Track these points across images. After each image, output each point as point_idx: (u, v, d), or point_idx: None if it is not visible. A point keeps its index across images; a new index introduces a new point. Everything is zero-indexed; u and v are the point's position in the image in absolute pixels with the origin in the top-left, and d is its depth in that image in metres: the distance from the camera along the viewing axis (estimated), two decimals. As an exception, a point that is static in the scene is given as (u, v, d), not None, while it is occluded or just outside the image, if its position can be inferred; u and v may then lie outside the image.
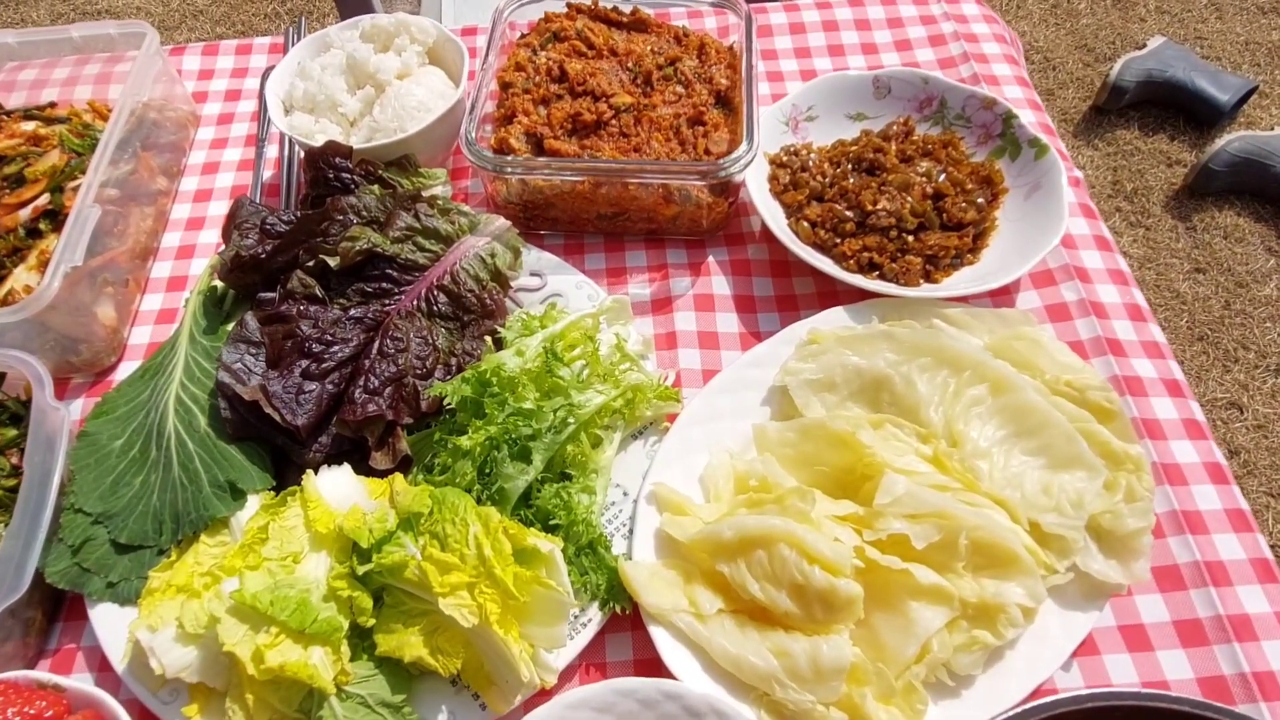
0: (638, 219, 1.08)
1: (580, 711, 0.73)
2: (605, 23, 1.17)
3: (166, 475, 0.87)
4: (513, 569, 0.73)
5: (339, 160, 1.01)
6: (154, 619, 0.76)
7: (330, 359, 0.89)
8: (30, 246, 1.03)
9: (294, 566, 0.77)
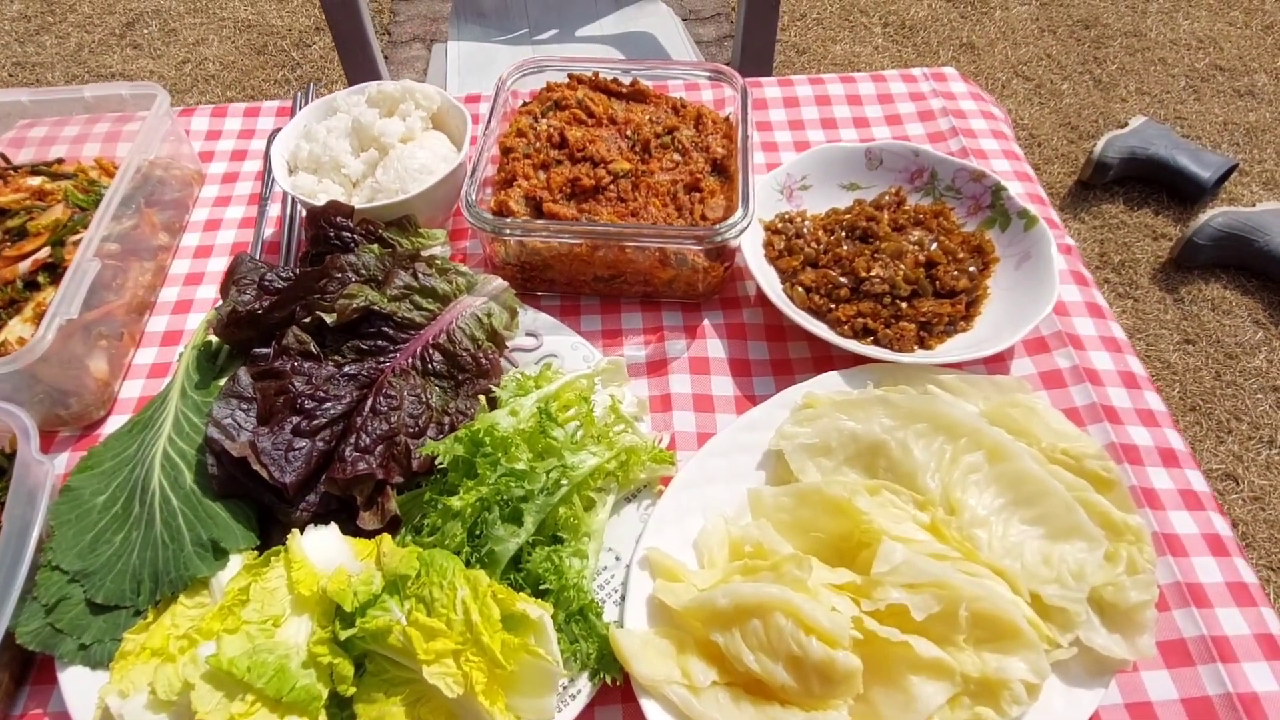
0: (634, 281, 1.09)
1: (567, 790, 0.70)
2: (605, 93, 1.20)
3: (148, 533, 0.85)
4: (500, 636, 0.71)
5: (340, 219, 1.02)
6: (125, 684, 0.74)
7: (322, 415, 0.88)
8: (27, 299, 1.03)
9: (274, 630, 0.74)
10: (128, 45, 3.63)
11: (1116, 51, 3.62)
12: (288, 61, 3.55)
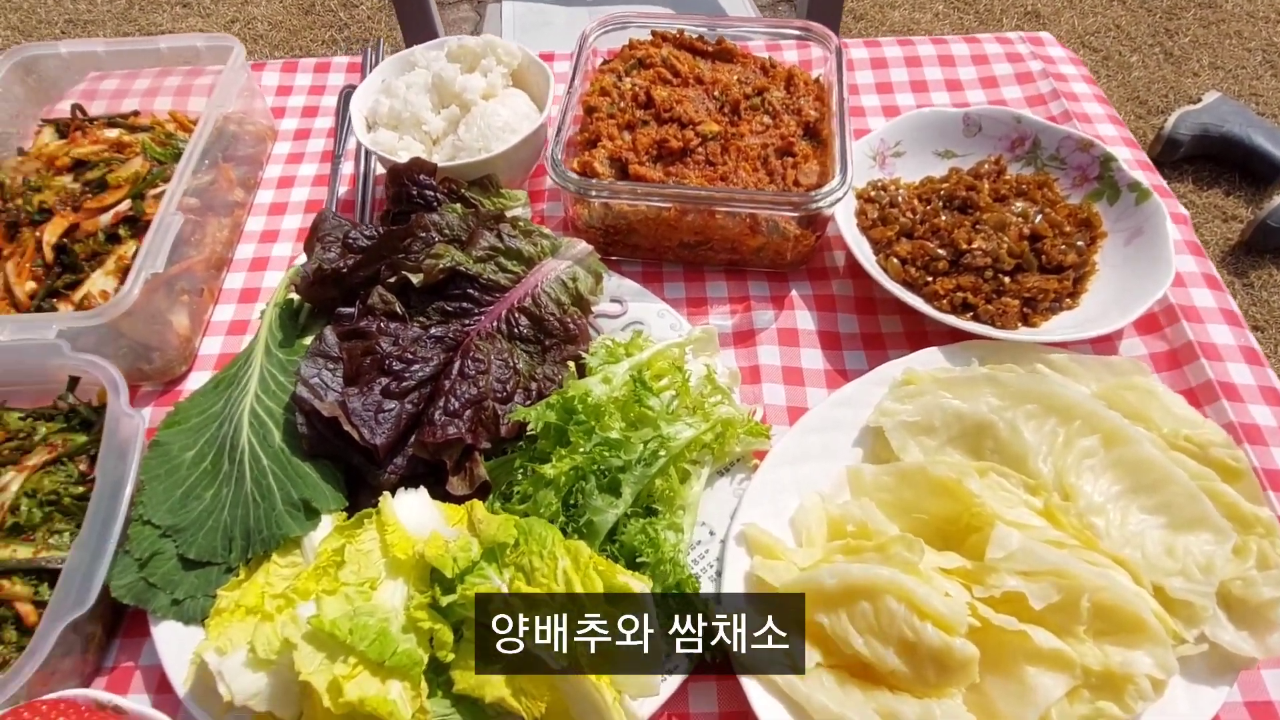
0: (720, 249, 1.05)
1: (668, 766, 0.68)
2: (690, 51, 1.16)
3: (238, 490, 0.84)
4: (603, 609, 0.69)
5: (423, 177, 1.00)
6: (223, 641, 0.73)
7: (410, 378, 0.86)
8: (109, 251, 1.02)
9: (371, 593, 0.73)
10: (177, 4, 3.62)
11: (1189, 23, 3.45)
12: (335, 21, 3.51)
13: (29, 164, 1.10)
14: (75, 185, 1.08)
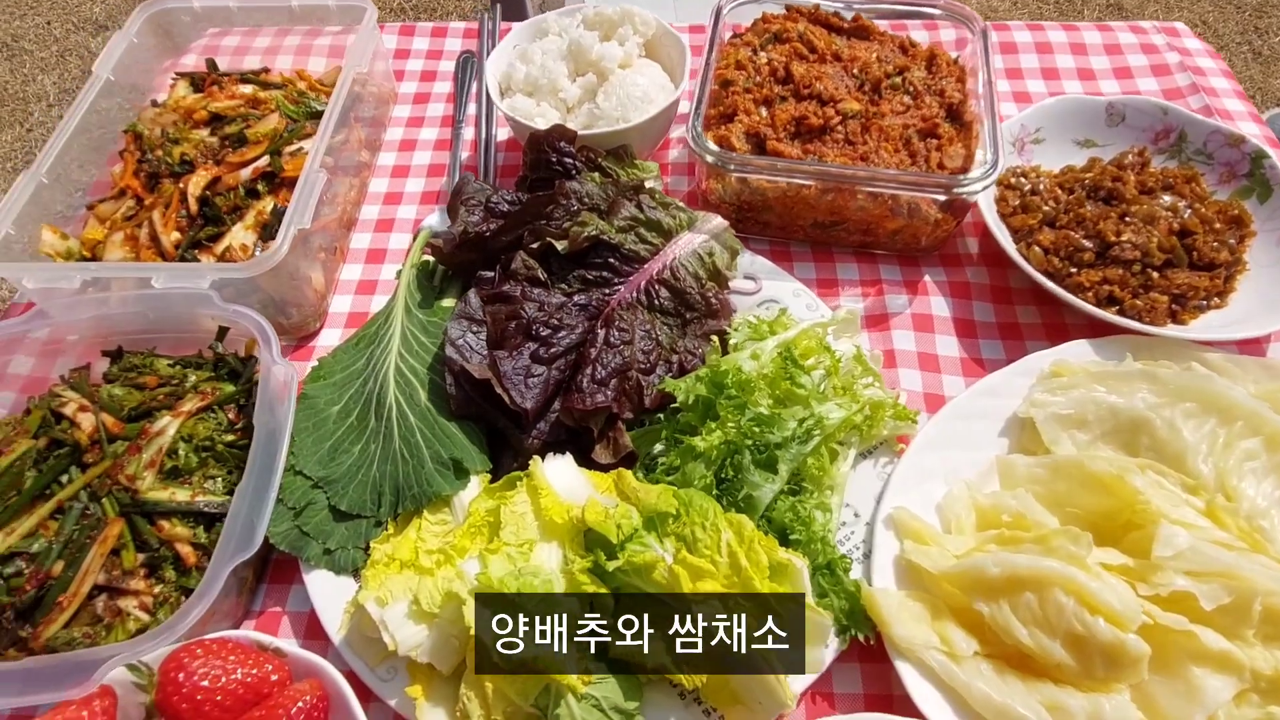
0: (854, 230, 1.04)
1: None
2: (825, 27, 1.13)
3: (387, 446, 0.85)
4: (769, 583, 0.69)
5: (563, 144, 0.99)
6: (384, 592, 0.74)
7: (557, 344, 0.86)
8: (248, 206, 1.03)
9: (529, 554, 0.74)
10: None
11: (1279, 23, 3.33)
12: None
13: (166, 116, 1.12)
14: (213, 139, 1.09)
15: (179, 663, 0.69)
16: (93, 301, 0.93)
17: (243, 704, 0.70)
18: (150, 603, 0.79)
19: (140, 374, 0.92)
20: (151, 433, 0.85)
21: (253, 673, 0.71)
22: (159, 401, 0.88)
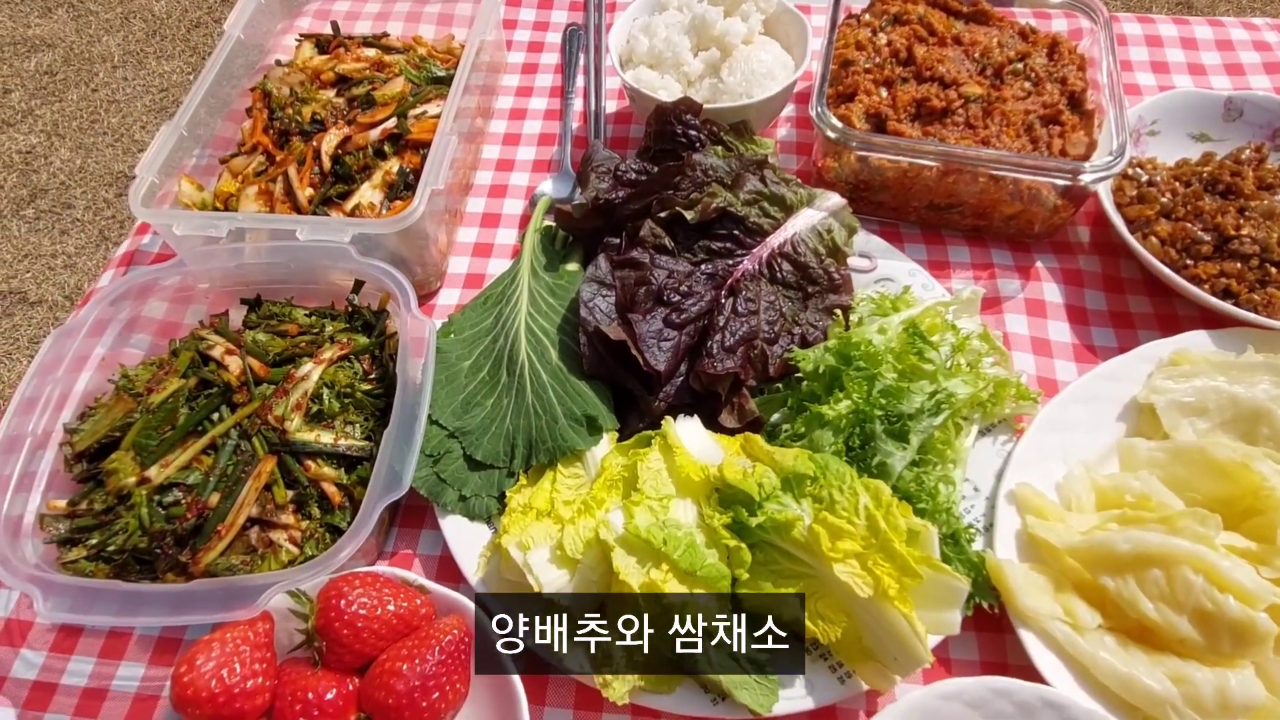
0: (969, 213, 1.05)
1: (952, 704, 0.71)
2: (943, 10, 1.14)
3: (519, 401, 0.88)
4: (906, 547, 0.71)
5: (688, 117, 1.01)
6: (525, 538, 0.78)
7: (688, 310, 0.89)
8: (376, 166, 1.07)
9: (667, 509, 0.77)
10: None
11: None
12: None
13: (294, 76, 1.15)
14: (339, 100, 1.12)
15: (339, 591, 0.74)
16: (230, 251, 0.97)
17: (395, 633, 0.74)
18: (299, 537, 0.83)
19: (280, 322, 0.95)
20: (296, 378, 0.89)
21: (404, 605, 0.75)
22: (300, 349, 0.92)
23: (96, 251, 3.07)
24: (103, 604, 0.75)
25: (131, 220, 3.28)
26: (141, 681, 0.82)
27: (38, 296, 2.98)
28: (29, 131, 3.44)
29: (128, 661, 0.83)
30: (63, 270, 3.03)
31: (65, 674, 0.83)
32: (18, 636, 0.85)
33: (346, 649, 0.72)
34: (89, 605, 0.74)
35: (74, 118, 3.50)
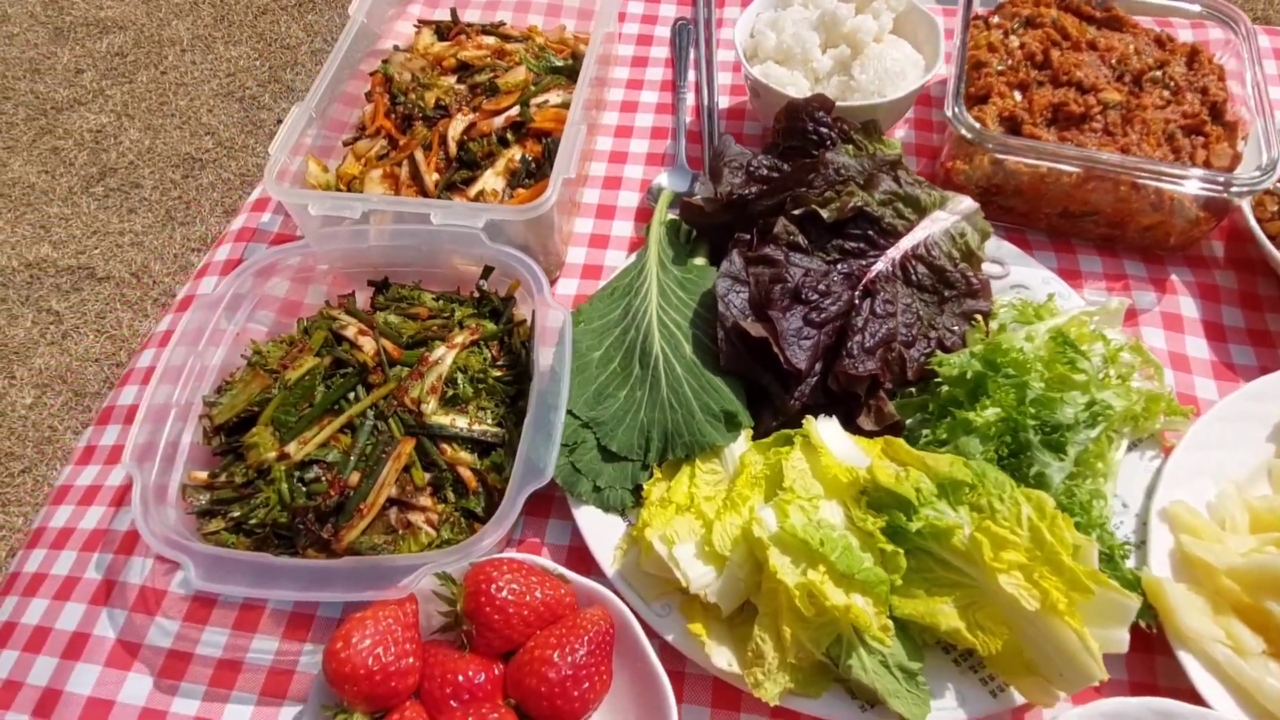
0: (1102, 223, 1.03)
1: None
2: (1075, 14, 1.12)
3: (654, 394, 0.88)
4: (1069, 560, 0.69)
5: (820, 114, 1.00)
6: (669, 531, 0.77)
7: (826, 310, 0.88)
8: (499, 154, 1.07)
9: (818, 508, 0.75)
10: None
11: None
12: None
13: (415, 61, 1.16)
14: (460, 87, 1.13)
15: (488, 576, 0.74)
16: (355, 233, 0.97)
17: (542, 620, 0.74)
18: (435, 519, 0.83)
19: (410, 305, 0.96)
20: (430, 361, 0.89)
21: (550, 594, 0.75)
22: (432, 332, 0.92)
23: (163, 230, 3.13)
24: (265, 577, 0.75)
25: (198, 202, 3.32)
26: (275, 656, 0.83)
27: (105, 272, 3.04)
28: (99, 111, 3.51)
29: (261, 634, 0.84)
30: (130, 248, 3.08)
31: (200, 644, 0.84)
32: (153, 604, 0.86)
33: (496, 634, 0.72)
34: (242, 577, 0.75)
35: (143, 99, 3.56)
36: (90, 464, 0.98)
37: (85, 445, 1.00)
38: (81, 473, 0.98)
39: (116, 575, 0.88)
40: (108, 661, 0.83)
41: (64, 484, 0.98)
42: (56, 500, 0.96)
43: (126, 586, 0.87)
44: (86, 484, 0.96)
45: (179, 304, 1.11)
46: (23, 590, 0.88)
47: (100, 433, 1.01)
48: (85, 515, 0.93)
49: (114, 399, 1.04)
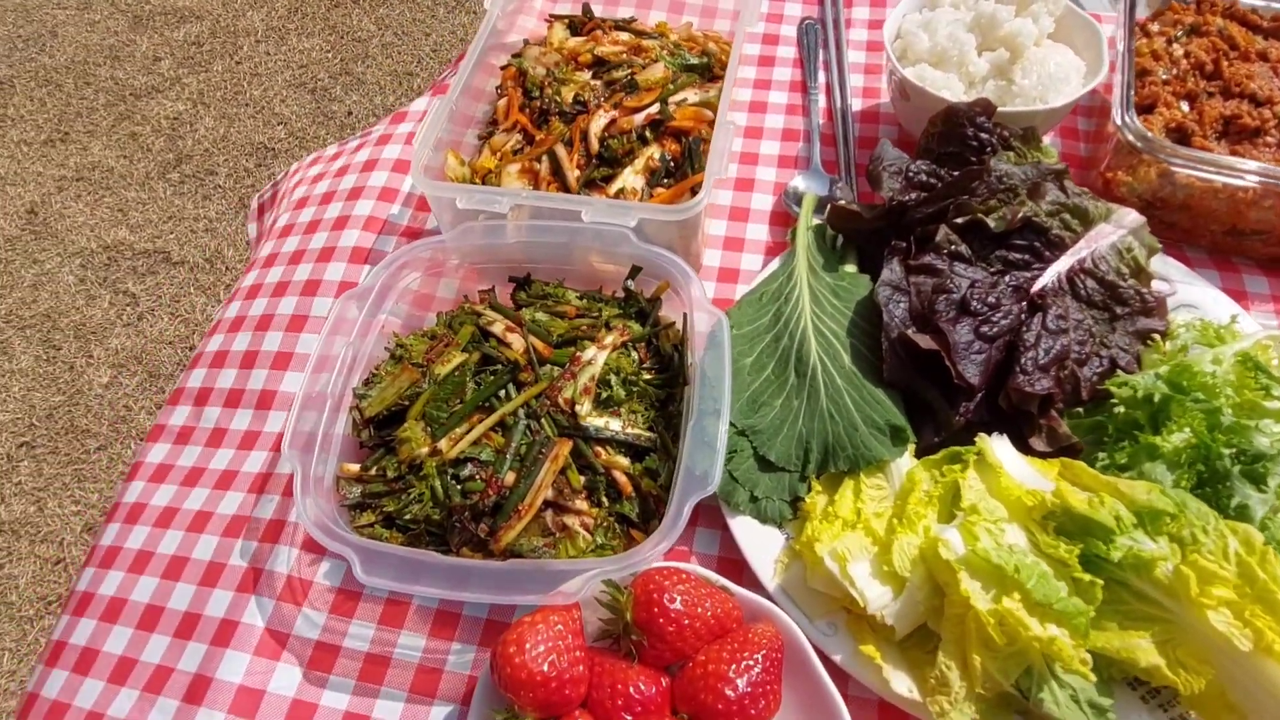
0: (1273, 242, 0.98)
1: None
2: (1243, 24, 1.07)
3: (812, 404, 0.85)
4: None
5: (981, 119, 0.96)
6: (840, 549, 0.74)
7: (996, 324, 0.84)
8: (639, 152, 1.05)
9: (1003, 532, 0.72)
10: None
11: None
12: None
13: (549, 56, 1.14)
14: (596, 83, 1.11)
15: (659, 586, 0.72)
16: (490, 228, 0.96)
17: (712, 634, 0.72)
18: (590, 524, 0.81)
19: (555, 303, 0.94)
20: (582, 361, 0.87)
21: (719, 606, 0.73)
22: (582, 332, 0.91)
23: (235, 218, 3.17)
24: (426, 575, 0.74)
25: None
26: (423, 653, 0.82)
27: (180, 257, 3.09)
28: (176, 99, 3.58)
29: (407, 631, 0.83)
30: (204, 234, 3.13)
31: (347, 636, 0.83)
32: (300, 594, 0.85)
33: (667, 645, 0.70)
34: (397, 573, 0.74)
35: (218, 88, 3.62)
36: (240, 449, 0.98)
37: (227, 429, 1.00)
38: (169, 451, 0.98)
39: (263, 563, 0.87)
40: (256, 650, 0.82)
41: (157, 462, 0.98)
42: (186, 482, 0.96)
43: (274, 575, 0.86)
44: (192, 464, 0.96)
45: (305, 288, 1.11)
46: (162, 572, 0.88)
47: (237, 415, 1.00)
48: (223, 500, 0.93)
49: (184, 380, 1.06)
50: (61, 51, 3.77)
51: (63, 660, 0.84)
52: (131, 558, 0.90)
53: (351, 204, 1.17)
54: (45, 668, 0.85)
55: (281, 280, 1.12)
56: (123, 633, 0.84)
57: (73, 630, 0.86)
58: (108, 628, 0.85)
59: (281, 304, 1.08)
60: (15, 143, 3.42)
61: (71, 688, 0.81)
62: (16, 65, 3.71)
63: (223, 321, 1.11)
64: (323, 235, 1.15)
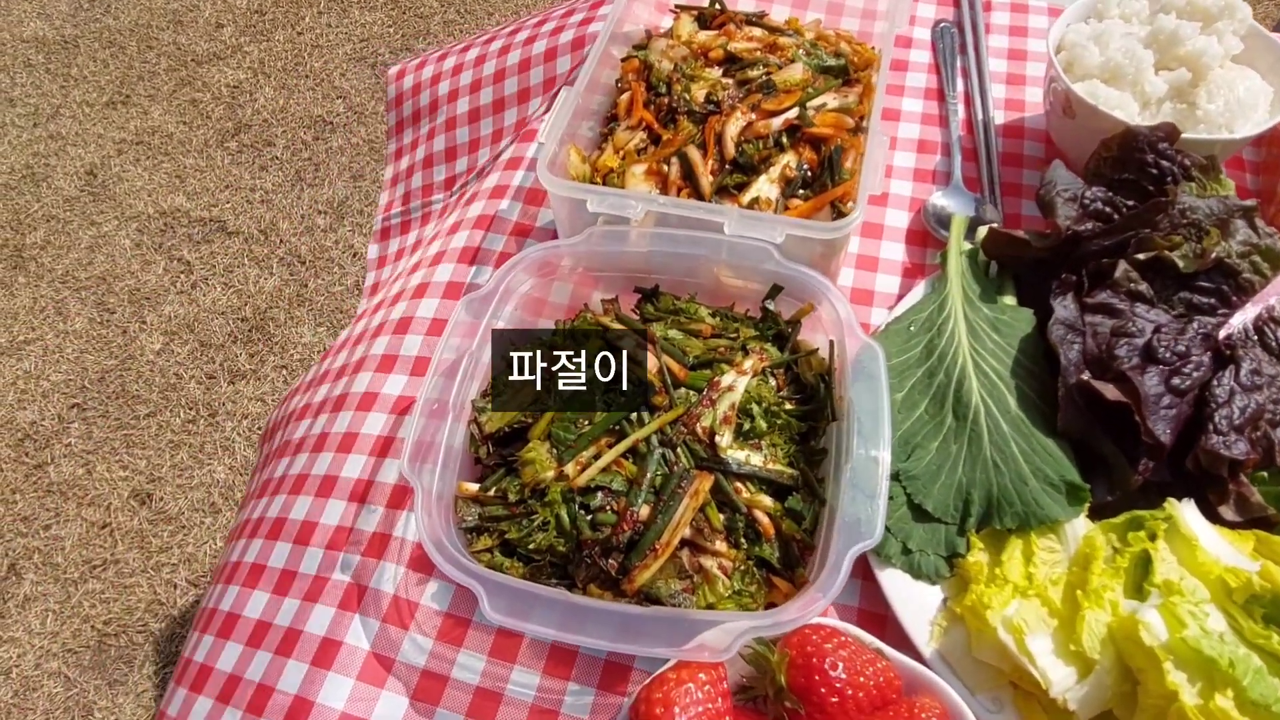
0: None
1: None
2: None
3: (974, 451, 0.78)
4: None
5: (1164, 145, 0.88)
6: (1016, 618, 0.67)
7: (1189, 376, 0.76)
8: (775, 159, 0.97)
9: (1206, 617, 0.65)
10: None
11: None
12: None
13: (677, 50, 1.07)
14: (728, 81, 1.04)
15: (818, 649, 0.65)
16: (617, 233, 0.89)
17: (872, 705, 0.65)
18: (729, 567, 0.75)
19: (688, 320, 0.88)
20: (721, 387, 0.80)
21: (882, 675, 0.66)
22: (719, 354, 0.84)
23: (292, 190, 3.14)
24: (544, 612, 0.68)
25: (326, 165, 3.31)
26: (538, 692, 0.76)
27: (235, 227, 3.06)
28: (237, 67, 3.55)
29: (520, 666, 0.77)
30: (259, 205, 3.11)
31: (455, 666, 0.77)
32: (406, 616, 0.80)
33: (826, 717, 0.64)
34: (528, 611, 0.68)
35: (279, 58, 3.58)
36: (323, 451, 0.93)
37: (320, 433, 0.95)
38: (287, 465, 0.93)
39: (367, 580, 0.82)
40: (360, 675, 0.77)
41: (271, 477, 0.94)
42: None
43: (380, 594, 0.81)
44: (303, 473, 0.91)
45: (415, 291, 1.05)
46: (273, 587, 0.84)
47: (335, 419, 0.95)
48: (326, 509, 0.88)
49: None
50: (126, 14, 3.75)
51: (184, 678, 0.82)
52: (246, 571, 0.85)
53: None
54: (174, 685, 0.83)
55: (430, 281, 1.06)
56: (234, 649, 0.80)
57: (197, 648, 0.83)
58: (222, 644, 0.81)
59: (389, 308, 1.03)
60: (78, 103, 3.41)
61: (188, 707, 0.78)
62: (81, 26, 3.70)
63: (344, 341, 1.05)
64: (460, 235, 1.09)
